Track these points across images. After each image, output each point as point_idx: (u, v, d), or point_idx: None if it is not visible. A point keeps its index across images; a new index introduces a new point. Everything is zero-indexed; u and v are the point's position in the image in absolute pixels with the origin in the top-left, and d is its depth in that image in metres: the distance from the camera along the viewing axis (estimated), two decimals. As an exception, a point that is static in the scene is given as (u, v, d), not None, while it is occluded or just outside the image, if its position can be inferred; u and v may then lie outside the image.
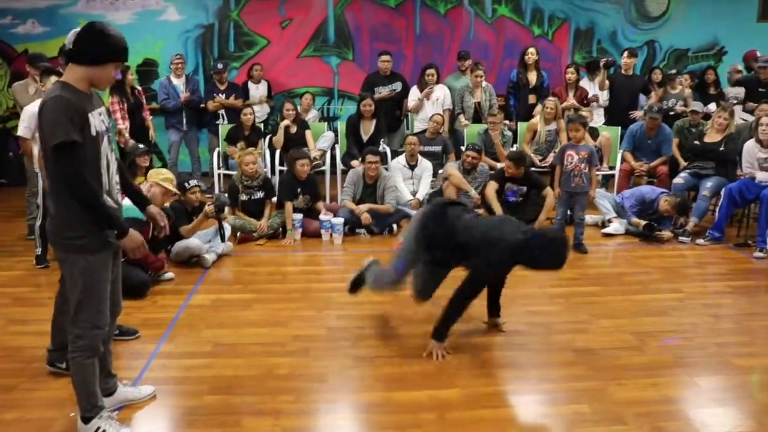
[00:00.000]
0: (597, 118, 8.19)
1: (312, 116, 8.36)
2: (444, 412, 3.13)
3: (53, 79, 4.90)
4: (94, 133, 2.62)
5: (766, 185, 5.97)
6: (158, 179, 4.82)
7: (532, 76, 8.17)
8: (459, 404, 3.21)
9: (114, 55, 2.66)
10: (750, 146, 6.20)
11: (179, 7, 8.86)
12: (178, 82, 8.00)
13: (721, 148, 6.51)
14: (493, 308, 4.11)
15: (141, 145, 6.52)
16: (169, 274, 5.00)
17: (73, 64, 2.64)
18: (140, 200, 3.13)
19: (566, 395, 3.32)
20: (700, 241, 6.20)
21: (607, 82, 8.12)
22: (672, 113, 8.08)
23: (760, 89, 7.91)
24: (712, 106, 7.94)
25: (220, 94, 8.08)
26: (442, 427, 3.02)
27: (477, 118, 8.03)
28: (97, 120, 2.65)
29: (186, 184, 5.49)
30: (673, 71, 8.49)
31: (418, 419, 3.07)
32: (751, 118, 7.33)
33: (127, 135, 7.07)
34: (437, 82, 7.98)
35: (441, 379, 3.45)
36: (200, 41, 9.00)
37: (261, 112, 8.37)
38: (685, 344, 3.95)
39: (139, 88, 7.72)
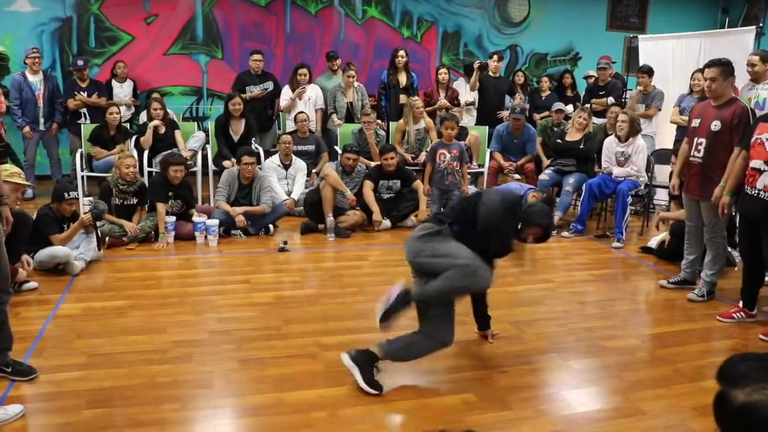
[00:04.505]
0: (468, 119, 8.50)
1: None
2: (335, 410, 3.11)
3: None
4: None
5: (621, 180, 6.42)
6: (4, 176, 4.46)
7: (402, 77, 8.33)
8: (349, 401, 3.20)
9: None
10: (609, 142, 6.65)
11: (31, -2, 8.26)
12: (35, 79, 7.48)
13: (581, 146, 6.92)
14: (482, 322, 3.95)
15: None
16: (32, 284, 4.64)
17: None
18: None
19: (453, 386, 3.41)
20: (565, 233, 6.58)
21: (477, 83, 8.45)
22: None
23: (600, 93, 8.49)
24: (570, 107, 8.46)
25: (81, 92, 7.64)
26: (334, 424, 3.01)
27: (349, 117, 8.11)
28: None
29: (66, 194, 5.13)
30: None
31: (309, 418, 3.04)
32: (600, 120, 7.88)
33: None
34: (309, 82, 7.97)
35: (329, 377, 3.43)
36: (57, 35, 8.44)
37: (126, 111, 8.00)
38: (558, 330, 4.19)
39: None
